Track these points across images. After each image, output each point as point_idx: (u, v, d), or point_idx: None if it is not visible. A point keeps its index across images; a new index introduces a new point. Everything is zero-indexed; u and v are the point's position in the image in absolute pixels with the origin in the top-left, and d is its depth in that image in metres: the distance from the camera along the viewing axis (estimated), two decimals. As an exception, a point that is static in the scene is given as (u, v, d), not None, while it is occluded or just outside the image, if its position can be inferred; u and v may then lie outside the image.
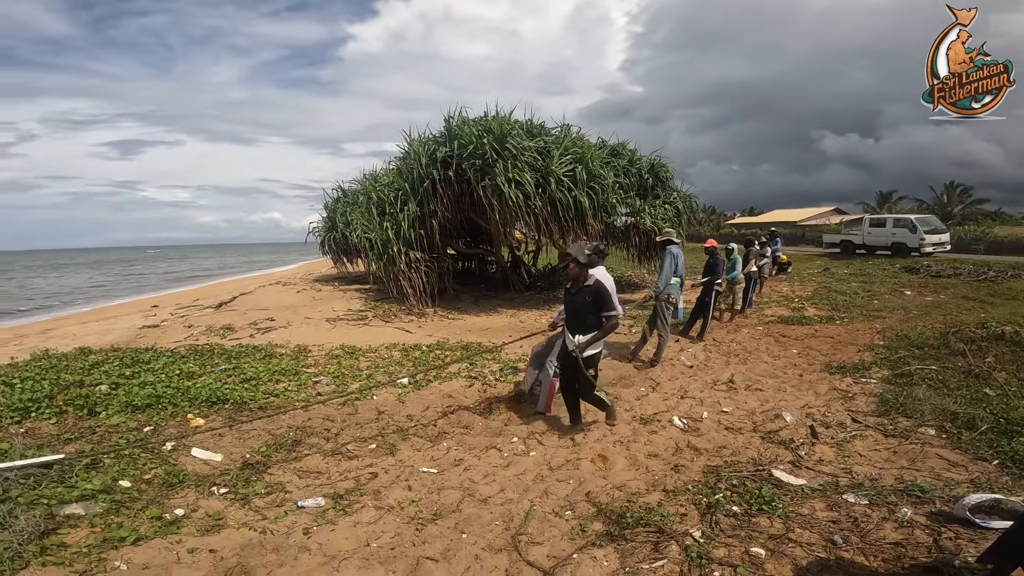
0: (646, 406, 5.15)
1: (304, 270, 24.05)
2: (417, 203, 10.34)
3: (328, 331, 8.13)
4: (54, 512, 2.84)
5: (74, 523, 2.80)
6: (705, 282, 8.21)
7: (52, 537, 2.63)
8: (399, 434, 4.37)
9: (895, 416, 4.81)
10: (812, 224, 47.30)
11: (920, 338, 7.63)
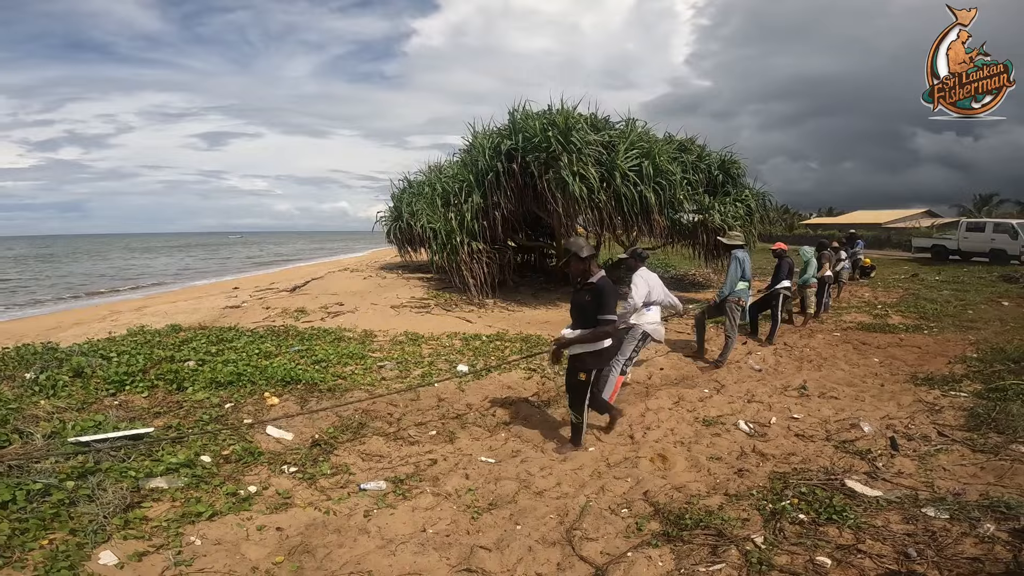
0: (709, 408, 4.97)
1: (370, 258, 24.94)
2: (481, 195, 10.44)
3: (392, 317, 8.39)
4: (140, 485, 3.04)
5: (157, 496, 2.99)
6: (768, 288, 7.97)
7: (136, 510, 2.81)
8: (458, 422, 4.45)
9: (986, 431, 4.39)
10: (900, 227, 44.01)
11: (1018, 352, 6.94)
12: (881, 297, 13.25)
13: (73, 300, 18.02)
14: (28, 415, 3.80)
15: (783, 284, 7.82)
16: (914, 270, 20.03)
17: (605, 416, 4.36)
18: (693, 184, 11.02)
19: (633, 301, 4.93)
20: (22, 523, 2.55)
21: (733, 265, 6.61)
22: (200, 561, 2.46)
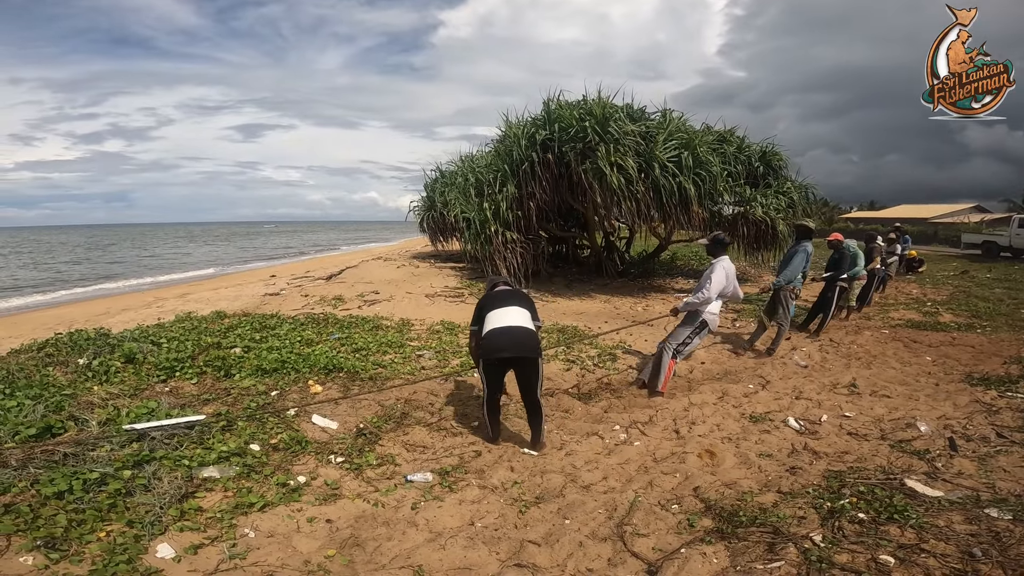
0: (755, 404, 4.84)
1: (402, 247, 25.20)
2: (515, 184, 10.37)
3: (427, 306, 8.43)
4: (193, 475, 3.03)
5: (210, 486, 2.99)
6: (828, 277, 7.71)
7: (190, 501, 2.80)
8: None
9: None
10: (947, 222, 42.21)
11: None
12: (930, 294, 12.76)
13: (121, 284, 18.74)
14: (83, 401, 3.85)
15: (842, 276, 7.66)
16: (964, 267, 19.20)
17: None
18: (734, 176, 10.72)
19: (706, 293, 4.80)
20: (79, 514, 2.50)
21: (800, 256, 6.49)
22: (254, 554, 2.46)
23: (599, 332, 5.73)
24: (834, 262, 7.76)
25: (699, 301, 4.89)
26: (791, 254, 6.66)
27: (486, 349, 3.76)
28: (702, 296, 4.86)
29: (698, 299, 4.89)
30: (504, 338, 3.72)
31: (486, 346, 3.76)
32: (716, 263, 4.99)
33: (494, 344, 3.72)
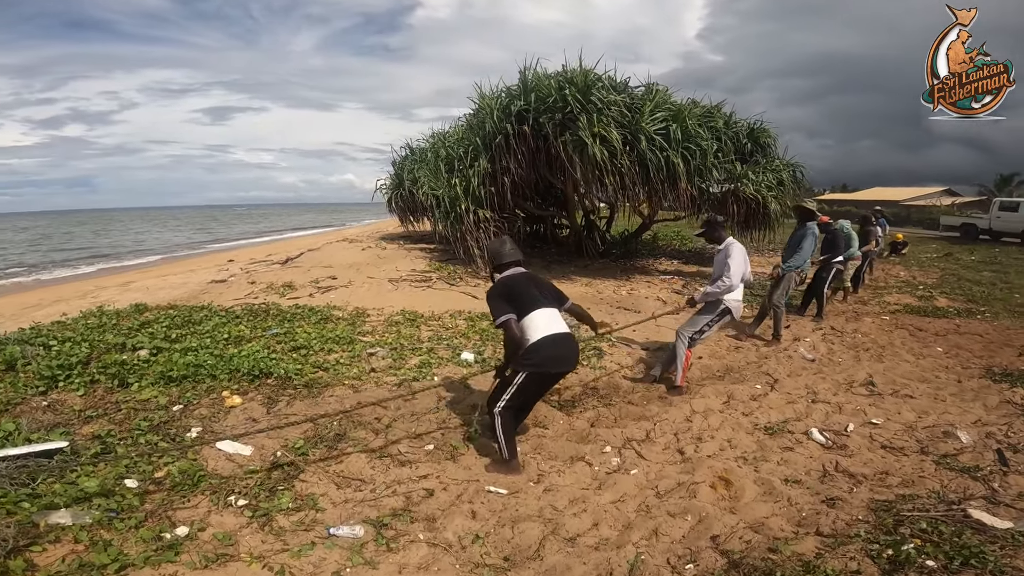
0: (767, 410, 4.10)
1: (374, 228, 24.02)
2: (488, 159, 9.45)
3: (389, 293, 7.52)
4: (36, 520, 2.24)
5: (57, 536, 2.20)
6: (823, 260, 7.33)
7: (17, 559, 2.01)
8: (463, 431, 3.59)
9: None
10: (919, 205, 42.63)
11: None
12: (920, 277, 12.33)
13: (59, 274, 17.26)
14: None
15: (838, 259, 7.41)
16: (945, 249, 18.97)
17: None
18: (723, 151, 9.97)
19: (728, 281, 4.33)
20: None
21: (810, 240, 6.20)
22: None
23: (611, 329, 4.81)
24: (827, 244, 7.41)
25: (721, 291, 4.39)
26: (799, 238, 6.26)
27: (545, 359, 3.05)
28: (724, 285, 4.37)
29: (719, 288, 4.39)
30: (564, 347, 3.13)
31: (546, 356, 3.04)
32: (729, 246, 4.50)
33: (556, 355, 3.09)
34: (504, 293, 3.11)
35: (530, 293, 3.14)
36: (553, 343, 3.04)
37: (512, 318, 3.00)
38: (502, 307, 3.03)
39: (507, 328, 3.00)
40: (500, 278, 3.22)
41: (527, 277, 3.26)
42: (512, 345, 3.04)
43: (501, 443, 3.09)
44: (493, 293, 3.14)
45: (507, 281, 3.18)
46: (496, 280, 3.24)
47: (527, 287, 3.18)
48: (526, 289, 3.16)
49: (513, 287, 3.15)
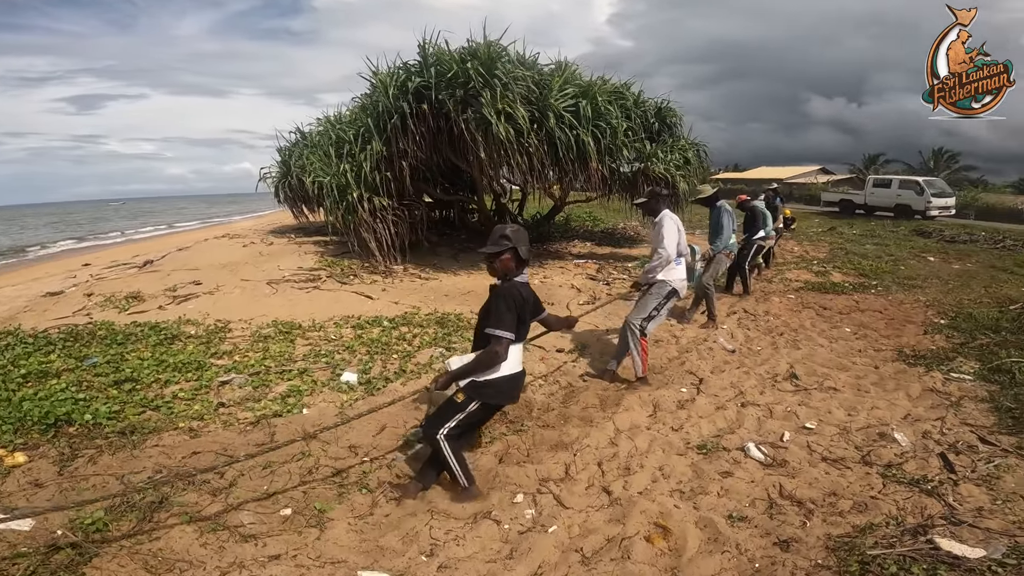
0: (697, 419, 3.64)
1: (268, 221, 21.85)
2: (383, 142, 8.44)
3: (266, 298, 6.39)
4: None
5: None
6: (745, 238, 7.51)
7: None
8: (333, 485, 2.78)
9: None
10: (799, 182, 46.27)
11: (988, 319, 6.32)
12: (811, 252, 12.91)
13: None
14: None
15: (759, 235, 7.55)
16: (829, 223, 20.34)
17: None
18: (633, 130, 9.62)
19: (665, 252, 4.18)
20: None
21: (725, 218, 6.15)
22: None
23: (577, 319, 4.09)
24: (748, 221, 7.52)
25: (659, 264, 4.23)
26: (717, 218, 6.23)
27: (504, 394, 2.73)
28: (660, 256, 4.21)
29: (657, 262, 4.23)
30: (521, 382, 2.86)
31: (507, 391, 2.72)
32: (662, 218, 4.32)
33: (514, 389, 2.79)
34: (519, 305, 2.61)
35: (529, 318, 2.76)
36: (517, 380, 2.76)
37: (511, 340, 2.56)
38: (511, 323, 2.54)
39: (500, 349, 2.53)
40: (516, 283, 2.65)
41: (530, 291, 2.77)
42: (482, 367, 2.57)
43: (456, 471, 2.65)
44: (508, 298, 2.58)
45: (524, 293, 2.67)
46: (510, 283, 2.64)
47: (531, 309, 2.77)
48: (532, 312, 2.78)
49: (525, 305, 2.66)
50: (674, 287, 4.30)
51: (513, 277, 2.64)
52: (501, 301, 2.55)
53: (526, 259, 2.67)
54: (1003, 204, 27.06)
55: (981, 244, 15.24)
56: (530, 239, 8.47)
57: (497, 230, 2.67)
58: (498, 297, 2.57)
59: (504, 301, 2.54)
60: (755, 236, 7.51)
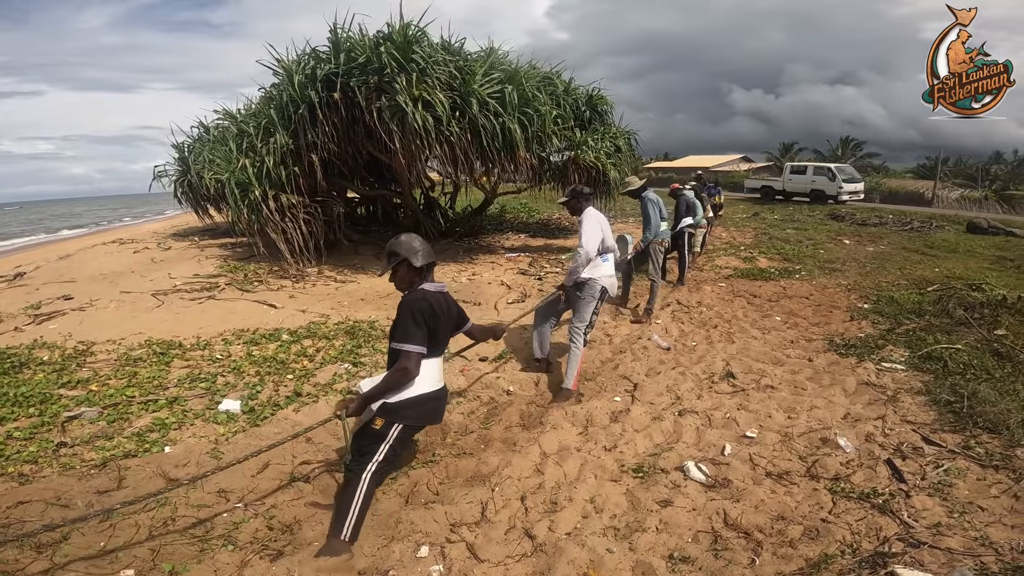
0: (632, 434, 3.28)
1: (177, 222, 20.07)
2: (290, 134, 7.66)
3: (147, 313, 5.55)
4: None
5: None
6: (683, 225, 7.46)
7: None
8: (192, 539, 2.22)
9: (973, 430, 3.35)
10: (724, 170, 48.16)
11: (910, 302, 6.44)
12: (738, 238, 13.13)
13: None
14: None
15: (686, 222, 7.48)
16: (752, 209, 21.03)
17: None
18: (563, 118, 9.28)
19: (585, 250, 3.95)
20: None
21: (650, 208, 6.00)
22: None
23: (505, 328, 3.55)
24: (677, 210, 7.48)
25: (580, 264, 3.98)
26: (644, 209, 6.07)
27: (425, 414, 2.48)
28: (579, 256, 3.95)
29: (578, 262, 3.98)
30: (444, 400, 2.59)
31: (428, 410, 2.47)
32: (583, 216, 4.11)
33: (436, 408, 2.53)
34: (428, 316, 2.34)
35: (445, 330, 2.51)
36: (438, 397, 2.49)
37: (422, 354, 2.30)
38: (418, 335, 2.29)
39: (409, 365, 2.26)
40: (426, 292, 2.40)
41: (448, 301, 2.54)
42: (394, 387, 2.30)
43: (350, 519, 2.23)
44: (415, 310, 2.32)
45: (433, 301, 2.39)
46: (417, 292, 2.40)
47: (447, 319, 2.51)
48: (447, 322, 2.51)
49: (438, 315, 2.40)
50: (604, 285, 4.09)
51: (419, 287, 2.41)
52: (407, 313, 2.32)
53: (422, 267, 2.41)
54: (904, 188, 29.26)
55: (890, 227, 16.10)
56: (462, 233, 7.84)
57: (388, 246, 2.46)
58: (403, 309, 2.34)
59: (410, 313, 2.31)
60: (682, 224, 7.51)
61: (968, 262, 10.20)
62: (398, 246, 2.40)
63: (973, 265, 9.75)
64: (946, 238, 13.75)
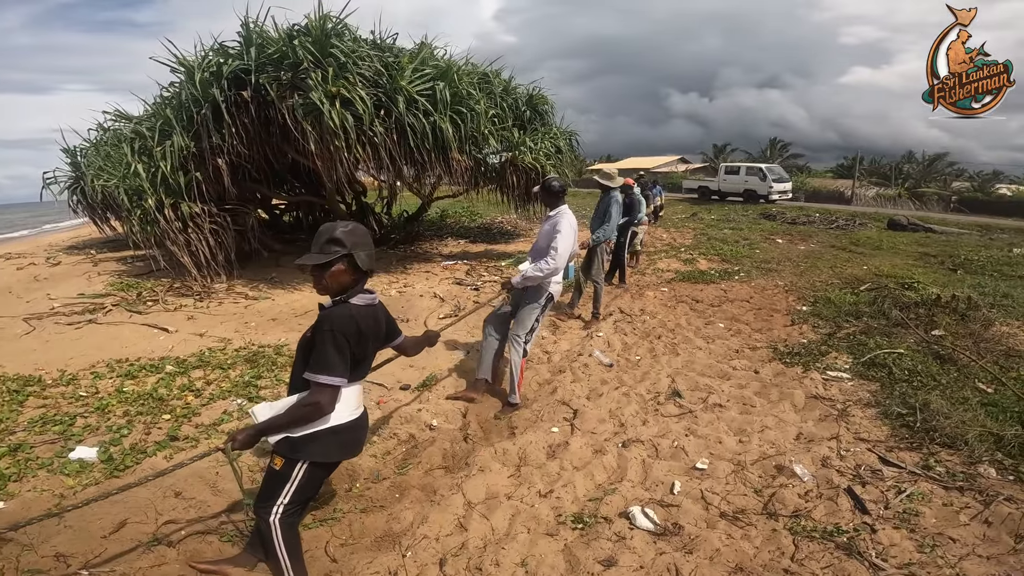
0: (572, 473, 2.87)
1: (80, 232, 18.29)
2: (192, 136, 6.87)
3: (10, 342, 4.69)
4: None
5: None
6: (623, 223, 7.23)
7: None
8: None
9: (930, 446, 3.18)
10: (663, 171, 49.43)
11: (846, 303, 6.44)
12: (678, 238, 13.20)
13: None
14: None
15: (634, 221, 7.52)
16: (691, 209, 21.44)
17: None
18: (500, 117, 8.85)
19: (554, 262, 3.57)
20: None
21: (615, 208, 5.86)
22: None
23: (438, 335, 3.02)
24: (627, 208, 7.34)
25: (543, 274, 3.60)
26: (605, 207, 5.91)
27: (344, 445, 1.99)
28: (548, 266, 3.58)
29: (543, 271, 3.60)
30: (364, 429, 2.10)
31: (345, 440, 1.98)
32: (557, 216, 3.73)
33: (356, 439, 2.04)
34: (354, 341, 1.86)
35: (373, 350, 2.06)
36: (356, 427, 2.03)
37: (338, 388, 1.84)
38: (340, 364, 1.81)
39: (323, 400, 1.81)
40: (353, 308, 1.88)
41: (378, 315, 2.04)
42: (300, 422, 1.85)
43: (285, 567, 1.91)
44: (339, 332, 1.81)
45: (360, 319, 1.89)
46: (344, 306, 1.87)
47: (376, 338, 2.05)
48: (375, 341, 2.05)
49: (365, 336, 1.92)
50: (551, 292, 3.77)
51: (351, 297, 1.88)
52: (328, 335, 1.79)
53: (367, 270, 1.89)
54: (826, 187, 30.92)
55: (818, 225, 16.72)
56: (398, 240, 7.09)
57: (323, 231, 1.87)
58: (324, 329, 1.80)
59: (332, 337, 1.79)
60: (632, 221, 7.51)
61: (894, 259, 10.57)
62: (343, 233, 1.83)
63: (899, 262, 10.09)
64: (870, 235, 14.37)
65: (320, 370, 1.77)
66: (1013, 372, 4.30)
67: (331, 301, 1.89)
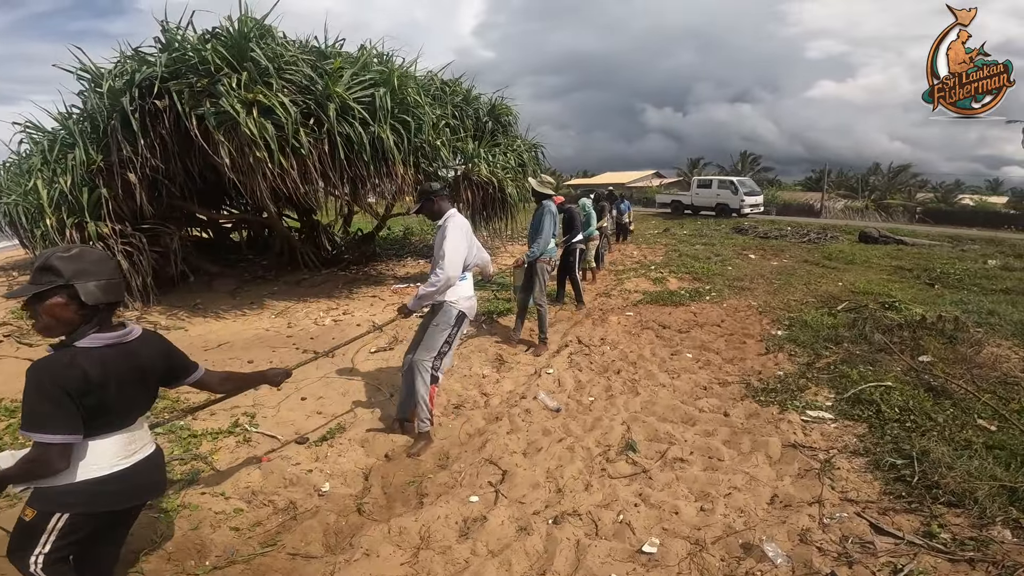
0: (483, 562, 2.19)
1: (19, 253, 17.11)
2: (101, 149, 6.14)
3: None
4: None
5: None
6: (565, 241, 7.01)
7: None
8: None
9: (931, 506, 2.60)
10: (638, 186, 49.66)
11: (824, 327, 5.93)
12: (649, 255, 12.75)
13: None
14: None
15: (576, 239, 7.06)
16: (663, 224, 21.14)
17: None
18: (454, 129, 8.25)
19: (444, 272, 3.17)
20: None
21: (547, 220, 5.40)
22: None
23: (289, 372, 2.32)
24: (566, 224, 7.01)
25: (436, 288, 3.20)
26: (538, 219, 5.49)
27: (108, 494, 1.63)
28: (438, 278, 3.18)
29: (435, 285, 3.19)
30: (147, 475, 1.73)
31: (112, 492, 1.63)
32: (447, 221, 3.34)
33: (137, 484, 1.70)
34: (78, 392, 1.47)
35: (135, 394, 1.65)
36: (135, 473, 1.66)
37: (65, 444, 1.47)
38: (58, 419, 1.44)
39: (45, 459, 1.46)
40: (74, 351, 1.50)
41: (139, 355, 1.65)
42: (33, 477, 1.52)
43: None
44: (51, 383, 1.43)
45: (90, 366, 1.50)
46: (61, 355, 1.49)
47: (138, 383, 1.65)
48: (135, 386, 1.64)
49: (104, 384, 1.52)
50: (461, 309, 3.36)
51: (78, 339, 1.51)
52: (34, 388, 1.44)
53: (99, 304, 1.52)
54: (796, 200, 31.18)
55: (790, 238, 16.49)
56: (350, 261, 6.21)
57: (39, 256, 1.61)
58: (31, 380, 1.44)
59: (38, 389, 1.43)
60: (574, 240, 7.03)
61: (868, 274, 10.23)
62: (60, 260, 1.49)
63: (874, 277, 9.73)
64: (842, 249, 14.12)
65: (32, 427, 1.44)
66: (1015, 403, 3.78)
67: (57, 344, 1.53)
